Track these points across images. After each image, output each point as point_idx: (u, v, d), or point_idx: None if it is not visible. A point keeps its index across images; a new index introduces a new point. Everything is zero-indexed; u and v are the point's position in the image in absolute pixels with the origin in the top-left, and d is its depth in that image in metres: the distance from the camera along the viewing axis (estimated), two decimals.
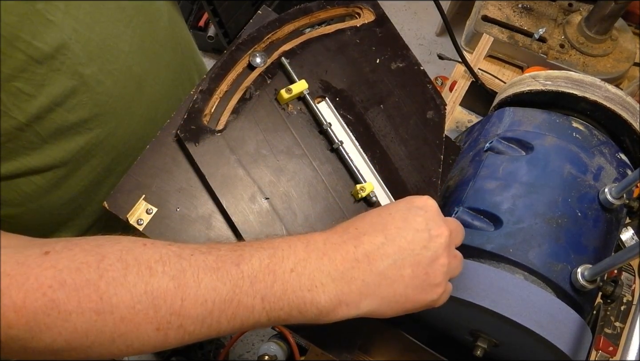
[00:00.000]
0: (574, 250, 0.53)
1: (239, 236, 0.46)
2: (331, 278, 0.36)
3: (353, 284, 0.36)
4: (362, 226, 0.39)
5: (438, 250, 0.39)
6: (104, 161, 0.57)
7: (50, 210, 0.56)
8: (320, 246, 0.37)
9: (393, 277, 0.37)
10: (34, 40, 0.43)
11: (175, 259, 0.33)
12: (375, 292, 0.37)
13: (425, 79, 0.58)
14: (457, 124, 0.92)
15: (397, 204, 0.40)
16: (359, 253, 0.37)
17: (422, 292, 0.39)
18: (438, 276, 0.39)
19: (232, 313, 0.34)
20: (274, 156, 0.48)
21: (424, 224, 0.39)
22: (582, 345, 0.50)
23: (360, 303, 0.37)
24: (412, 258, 0.38)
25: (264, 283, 0.34)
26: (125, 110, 0.56)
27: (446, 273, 0.40)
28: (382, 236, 0.38)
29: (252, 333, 1.59)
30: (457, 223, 0.43)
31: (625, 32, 0.98)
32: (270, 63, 0.51)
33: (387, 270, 0.37)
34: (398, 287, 0.38)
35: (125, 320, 0.31)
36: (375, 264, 0.37)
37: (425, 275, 0.38)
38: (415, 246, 0.38)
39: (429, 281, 0.39)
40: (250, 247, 0.36)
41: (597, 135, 0.61)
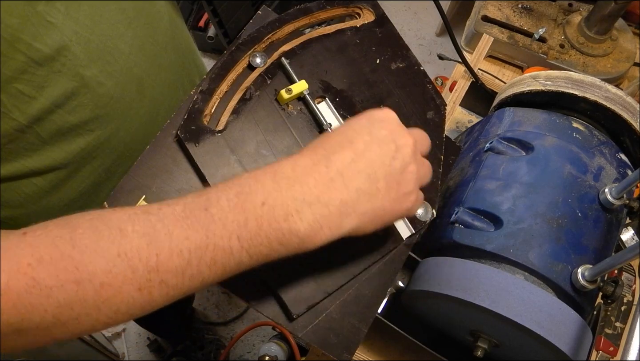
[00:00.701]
0: (575, 250, 0.53)
1: None
2: (307, 204, 0.35)
3: (331, 205, 0.36)
4: (329, 145, 0.38)
5: (406, 159, 0.39)
6: (104, 163, 0.57)
7: (51, 211, 0.56)
8: (289, 173, 0.36)
9: (369, 191, 0.37)
10: (34, 42, 0.43)
11: (143, 217, 0.33)
12: (355, 209, 0.37)
13: (425, 80, 0.58)
14: (457, 124, 0.92)
15: (359, 120, 0.40)
16: (332, 172, 0.36)
17: (398, 202, 0.39)
18: (410, 184, 0.39)
19: (211, 258, 0.33)
20: (274, 157, 0.48)
21: (389, 136, 0.39)
22: (583, 345, 0.50)
23: (342, 223, 0.37)
24: (383, 170, 0.38)
25: (236, 223, 0.34)
26: (126, 111, 0.56)
27: (417, 180, 0.40)
28: (351, 152, 0.37)
29: (253, 334, 1.59)
30: (421, 132, 0.43)
31: (625, 32, 0.98)
32: (270, 63, 0.51)
33: (363, 186, 0.37)
34: (375, 201, 0.38)
35: (105, 285, 0.31)
36: (350, 181, 0.37)
37: (398, 185, 0.39)
38: (385, 158, 0.38)
39: (402, 190, 0.39)
40: (216, 189, 0.35)
41: (597, 135, 0.61)
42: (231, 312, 1.64)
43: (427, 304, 0.58)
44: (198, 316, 1.61)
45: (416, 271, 0.58)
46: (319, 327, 0.47)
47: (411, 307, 0.61)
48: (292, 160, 0.37)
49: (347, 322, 0.48)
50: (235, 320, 1.62)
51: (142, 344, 1.58)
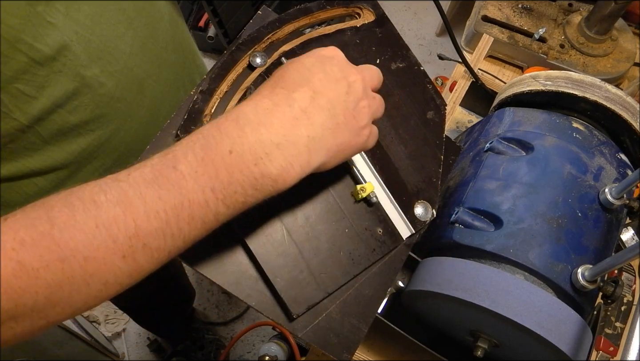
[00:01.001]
0: (575, 250, 0.53)
1: (239, 235, 0.46)
2: (274, 145, 0.35)
3: (299, 143, 0.36)
4: (287, 85, 0.38)
5: (358, 94, 0.40)
6: (105, 163, 0.57)
7: None
8: (251, 117, 0.36)
9: (332, 127, 0.38)
10: (35, 43, 0.43)
11: (114, 185, 0.33)
12: (321, 145, 0.38)
13: (425, 80, 0.58)
14: (457, 124, 0.92)
15: (308, 58, 0.40)
16: (296, 110, 0.37)
17: (356, 136, 0.40)
18: (364, 117, 0.40)
19: (188, 215, 0.33)
20: None
21: (340, 73, 0.40)
22: (583, 345, 0.50)
23: (310, 160, 0.37)
24: (341, 106, 0.39)
25: (207, 175, 0.34)
26: (127, 111, 0.56)
27: (370, 114, 0.41)
28: (310, 90, 0.38)
29: (253, 334, 1.59)
30: (370, 67, 0.44)
31: (625, 32, 0.98)
32: (271, 63, 0.51)
33: (326, 121, 0.38)
34: (338, 135, 0.39)
35: (89, 258, 0.31)
36: (314, 118, 0.37)
37: (354, 119, 0.39)
38: (340, 93, 0.39)
39: (358, 124, 0.40)
40: (180, 145, 0.35)
41: (597, 135, 0.61)
42: (231, 312, 1.64)
43: (427, 304, 0.58)
44: (198, 316, 1.61)
45: (416, 271, 0.58)
46: (319, 327, 0.47)
47: (411, 307, 0.61)
48: (253, 103, 0.37)
49: (347, 322, 0.48)
50: (235, 320, 1.62)
51: (142, 344, 1.58)
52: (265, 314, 0.46)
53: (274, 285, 0.46)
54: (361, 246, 0.49)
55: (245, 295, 0.46)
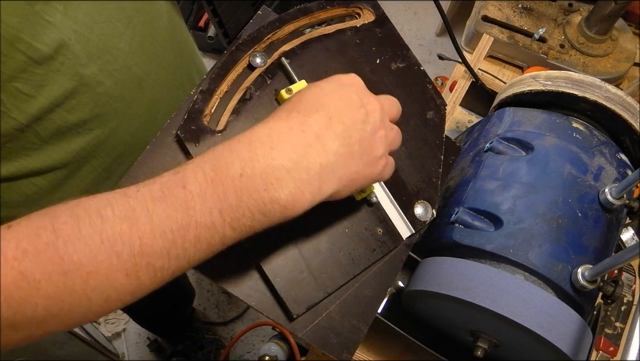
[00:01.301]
0: (575, 250, 0.53)
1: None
2: (286, 170, 0.34)
3: (311, 170, 0.35)
4: (303, 109, 0.37)
5: (376, 123, 0.39)
6: (104, 162, 0.57)
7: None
8: (265, 140, 0.35)
9: (345, 155, 0.37)
10: (33, 41, 0.43)
11: (122, 200, 0.32)
12: (334, 173, 0.37)
13: (425, 80, 0.58)
14: (457, 124, 0.92)
15: (327, 83, 0.40)
16: (310, 136, 0.36)
17: (370, 166, 0.39)
18: (380, 148, 0.40)
19: (194, 236, 0.33)
20: None
21: (359, 101, 0.39)
22: (583, 345, 0.50)
23: (322, 188, 0.36)
24: (357, 134, 0.38)
25: (216, 197, 0.33)
26: (126, 110, 0.56)
27: (387, 145, 0.40)
28: (326, 116, 0.37)
29: (253, 334, 1.59)
30: (389, 98, 0.43)
31: (625, 32, 0.98)
32: (270, 63, 0.51)
33: (340, 149, 0.37)
34: (351, 165, 0.38)
35: (92, 273, 0.30)
36: (328, 144, 0.36)
37: (370, 149, 0.39)
38: (357, 122, 0.38)
39: (374, 154, 0.39)
40: (192, 164, 0.35)
41: (597, 135, 0.61)
42: (231, 312, 1.64)
43: (427, 304, 0.58)
44: (198, 316, 1.61)
45: (416, 271, 0.58)
46: (319, 327, 0.47)
47: (411, 307, 0.61)
48: (267, 126, 0.36)
49: (347, 322, 0.48)
50: (235, 320, 1.62)
51: (142, 344, 1.58)
52: (265, 314, 0.46)
53: (274, 285, 0.46)
54: (361, 246, 0.49)
55: (245, 295, 0.46)
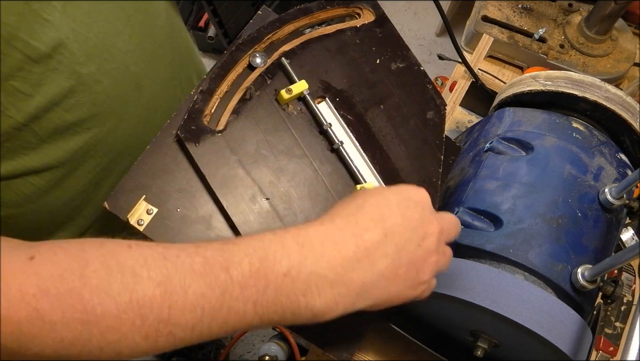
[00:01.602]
0: (574, 250, 0.53)
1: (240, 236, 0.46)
2: (328, 282, 0.35)
3: (351, 286, 0.35)
4: (362, 219, 0.37)
5: (430, 248, 0.38)
6: (102, 162, 0.57)
7: (49, 211, 0.56)
8: (317, 246, 0.35)
9: (390, 277, 0.37)
10: (31, 40, 0.43)
11: (160, 263, 0.32)
12: (371, 292, 0.37)
13: (425, 80, 0.58)
14: (457, 124, 0.92)
15: (394, 195, 0.39)
16: (361, 252, 0.36)
17: (412, 289, 0.39)
18: (427, 273, 0.39)
19: (223, 319, 0.33)
20: (274, 157, 0.48)
21: (420, 221, 0.38)
22: (583, 345, 0.50)
23: (356, 303, 0.36)
24: (407, 257, 0.37)
25: (255, 289, 0.33)
26: (124, 110, 0.56)
27: (435, 271, 0.40)
28: (382, 232, 0.36)
29: (253, 334, 1.59)
30: (452, 218, 0.42)
31: (625, 32, 0.98)
32: (270, 63, 0.51)
33: (386, 270, 0.36)
34: (393, 286, 0.37)
35: (111, 329, 0.30)
36: (376, 264, 0.36)
37: (416, 274, 0.38)
38: (412, 244, 0.37)
39: (420, 279, 0.39)
40: (239, 248, 0.34)
41: (597, 135, 0.61)
42: None
43: (427, 304, 0.57)
44: None
45: None
46: (319, 327, 0.47)
47: (411, 307, 0.61)
48: (323, 229, 0.36)
49: (347, 322, 0.48)
50: None
51: None
52: None
53: None
54: None
55: None
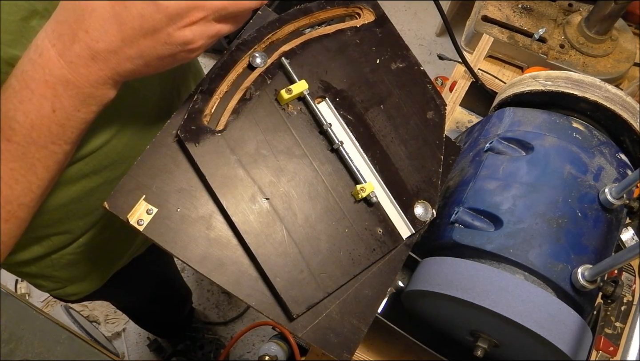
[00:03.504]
0: (574, 250, 0.53)
1: (240, 236, 0.46)
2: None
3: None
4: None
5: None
6: (97, 170, 0.57)
7: (42, 214, 0.56)
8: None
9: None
10: None
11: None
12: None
13: (425, 80, 0.58)
14: (457, 124, 0.92)
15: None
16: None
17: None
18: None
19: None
20: (274, 157, 0.48)
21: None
22: (583, 345, 0.50)
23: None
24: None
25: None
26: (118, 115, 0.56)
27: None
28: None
29: (253, 334, 1.59)
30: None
31: (625, 32, 0.98)
32: (270, 63, 0.51)
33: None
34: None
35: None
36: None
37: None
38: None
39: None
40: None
41: (597, 135, 0.61)
42: (231, 312, 1.64)
43: (427, 304, 0.58)
44: (198, 316, 1.61)
45: (416, 271, 0.58)
46: (319, 327, 0.47)
47: (411, 307, 0.61)
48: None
49: (347, 322, 0.48)
50: (235, 320, 1.62)
51: (142, 344, 1.58)
52: (265, 314, 0.46)
53: (274, 285, 0.46)
54: (361, 246, 0.49)
55: (245, 295, 0.46)
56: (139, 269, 0.83)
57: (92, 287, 0.73)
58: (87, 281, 0.72)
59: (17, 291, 1.59)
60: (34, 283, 0.69)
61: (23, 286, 1.60)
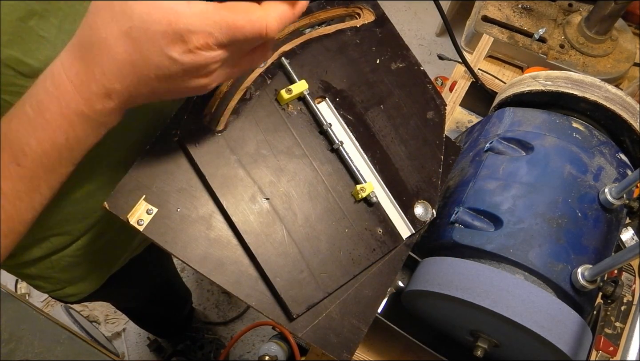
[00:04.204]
0: (574, 250, 0.53)
1: (239, 236, 0.46)
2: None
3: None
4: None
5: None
6: (90, 172, 0.57)
7: (41, 217, 0.56)
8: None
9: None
10: (24, 57, 0.43)
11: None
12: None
13: (425, 80, 0.58)
14: (457, 124, 0.92)
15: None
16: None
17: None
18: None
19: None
20: (274, 157, 0.48)
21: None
22: (583, 345, 0.50)
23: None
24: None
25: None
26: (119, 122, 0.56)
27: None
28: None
29: (253, 333, 1.59)
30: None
31: (625, 32, 0.98)
32: (271, 63, 0.51)
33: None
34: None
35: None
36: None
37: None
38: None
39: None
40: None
41: (597, 135, 0.61)
42: (231, 312, 1.64)
43: (427, 304, 0.58)
44: (198, 316, 1.61)
45: (416, 271, 0.58)
46: (319, 327, 0.47)
47: (411, 307, 0.61)
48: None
49: (347, 322, 0.48)
50: (235, 320, 1.62)
51: (142, 344, 1.58)
52: (265, 314, 0.46)
53: (274, 285, 0.46)
54: (361, 246, 0.49)
55: (245, 295, 0.46)
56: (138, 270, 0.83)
57: (91, 288, 0.73)
58: (86, 282, 0.72)
59: (17, 291, 1.59)
60: (33, 284, 0.69)
61: (23, 287, 1.60)
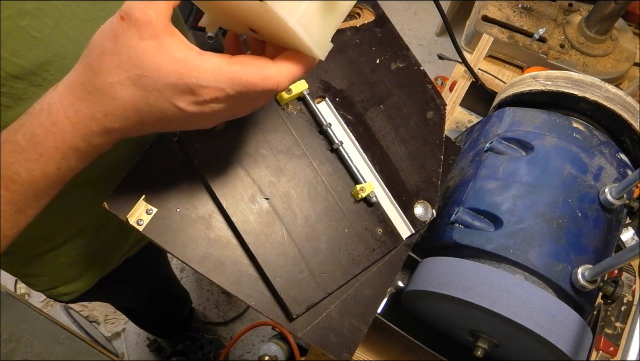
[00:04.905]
0: (575, 250, 0.53)
1: (239, 236, 0.46)
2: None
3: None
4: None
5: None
6: (86, 174, 0.57)
7: (36, 219, 0.56)
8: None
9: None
10: (13, 58, 0.42)
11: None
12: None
13: (425, 79, 0.58)
14: (457, 124, 0.92)
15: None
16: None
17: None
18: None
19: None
20: (274, 156, 0.48)
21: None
22: (583, 345, 0.50)
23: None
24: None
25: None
26: None
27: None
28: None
29: (253, 334, 1.59)
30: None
31: (625, 32, 0.98)
32: None
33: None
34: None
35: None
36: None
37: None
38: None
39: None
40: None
41: (597, 135, 0.61)
42: (231, 312, 1.64)
43: (427, 304, 0.57)
44: (198, 316, 1.61)
45: (416, 271, 0.58)
46: (319, 327, 0.47)
47: (411, 307, 0.61)
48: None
49: (347, 322, 0.48)
50: (235, 320, 1.62)
51: (142, 344, 1.58)
52: (265, 314, 0.46)
53: (274, 285, 0.46)
54: (361, 246, 0.49)
55: (245, 295, 0.46)
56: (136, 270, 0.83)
57: (84, 287, 0.73)
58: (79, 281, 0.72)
59: (17, 291, 1.59)
60: (27, 282, 0.69)
61: (23, 286, 1.60)
